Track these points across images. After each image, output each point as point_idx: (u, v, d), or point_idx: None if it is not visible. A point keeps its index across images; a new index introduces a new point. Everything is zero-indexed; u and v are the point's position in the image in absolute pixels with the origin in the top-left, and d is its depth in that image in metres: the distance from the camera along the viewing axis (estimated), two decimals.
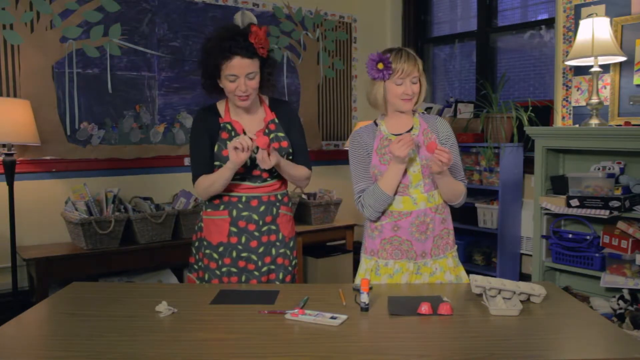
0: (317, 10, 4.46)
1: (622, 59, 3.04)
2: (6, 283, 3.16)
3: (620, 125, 3.07)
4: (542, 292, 1.74)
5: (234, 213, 2.12)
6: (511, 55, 4.25)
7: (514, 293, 1.71)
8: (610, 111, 3.20)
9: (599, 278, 3.03)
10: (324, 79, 4.54)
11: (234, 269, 2.14)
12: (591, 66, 3.07)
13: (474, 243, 4.16)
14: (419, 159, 1.98)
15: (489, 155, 3.77)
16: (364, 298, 1.67)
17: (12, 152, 3.00)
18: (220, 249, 2.13)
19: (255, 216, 2.13)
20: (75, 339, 1.50)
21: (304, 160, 2.21)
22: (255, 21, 2.07)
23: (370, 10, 4.80)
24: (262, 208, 2.14)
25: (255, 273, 2.15)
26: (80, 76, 3.46)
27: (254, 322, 1.61)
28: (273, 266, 2.17)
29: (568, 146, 3.17)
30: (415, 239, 1.99)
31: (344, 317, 1.61)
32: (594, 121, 3.03)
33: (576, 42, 3.09)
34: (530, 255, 3.66)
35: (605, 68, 3.18)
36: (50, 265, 3.04)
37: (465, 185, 2.06)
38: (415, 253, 2.00)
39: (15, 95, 3.24)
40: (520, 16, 4.19)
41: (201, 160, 2.12)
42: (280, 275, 2.17)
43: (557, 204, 3.13)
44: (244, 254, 2.14)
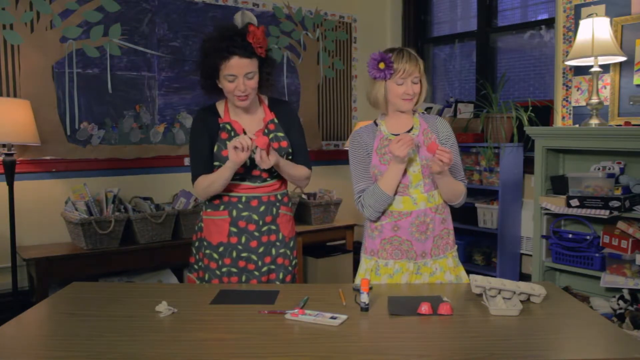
0: (317, 10, 4.46)
1: (622, 59, 3.05)
2: (6, 283, 3.16)
3: (620, 125, 3.07)
4: (542, 292, 1.74)
5: (234, 213, 2.12)
6: (511, 55, 4.25)
7: (514, 293, 1.71)
8: (610, 111, 3.20)
9: (599, 278, 3.03)
10: (324, 79, 4.54)
11: (234, 269, 2.14)
12: (591, 66, 3.07)
13: (474, 243, 4.16)
14: (419, 159, 1.98)
15: (489, 155, 3.77)
16: (364, 298, 1.67)
17: (12, 152, 3.00)
18: (221, 249, 2.13)
19: (255, 216, 2.13)
20: (75, 339, 1.50)
21: (304, 160, 2.21)
22: (255, 21, 2.07)
23: (370, 10, 4.80)
24: (262, 208, 2.14)
25: (256, 273, 2.15)
26: (80, 76, 3.46)
27: (254, 322, 1.61)
28: (273, 266, 2.17)
29: (568, 146, 3.17)
30: (415, 239, 1.99)
31: (344, 317, 1.61)
32: (594, 121, 3.03)
33: (576, 42, 3.09)
34: (530, 255, 3.66)
35: (605, 68, 3.18)
36: (50, 265, 3.04)
37: (465, 185, 2.06)
38: (415, 253, 2.00)
39: (15, 95, 3.25)
40: (520, 16, 4.19)
41: (200, 160, 2.11)
42: (281, 275, 2.17)
43: (557, 204, 3.13)
44: (244, 254, 2.14)
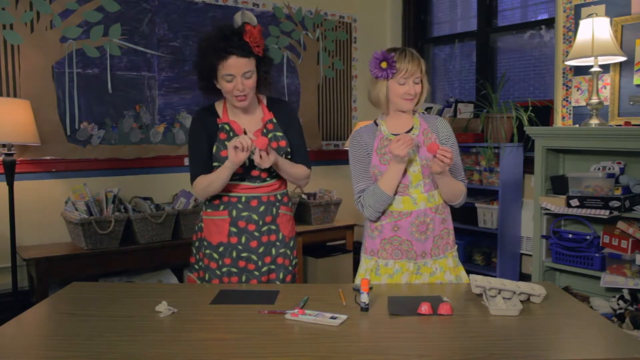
0: (317, 10, 4.46)
1: (622, 59, 3.04)
2: (6, 283, 3.16)
3: (620, 125, 3.07)
4: (542, 292, 1.74)
5: (234, 213, 2.12)
6: (511, 55, 4.25)
7: (514, 293, 1.71)
8: (610, 111, 3.20)
9: (599, 278, 3.03)
10: (324, 79, 4.54)
11: (234, 269, 2.14)
12: (591, 66, 3.07)
13: (474, 243, 4.16)
14: (419, 159, 1.98)
15: (489, 155, 3.77)
16: (364, 298, 1.67)
17: (12, 152, 3.00)
18: (221, 249, 2.13)
19: (255, 216, 2.13)
20: (75, 339, 1.50)
21: (303, 160, 2.20)
22: (255, 21, 2.06)
23: (370, 10, 4.80)
24: (262, 208, 2.14)
25: (256, 273, 2.15)
26: (80, 76, 3.46)
27: (254, 322, 1.61)
28: (273, 266, 2.17)
29: (568, 146, 3.17)
30: (415, 239, 1.99)
31: (344, 317, 1.61)
32: (594, 121, 3.03)
33: (576, 42, 3.09)
34: (530, 255, 3.66)
35: (605, 68, 3.18)
36: (50, 265, 3.04)
37: (465, 185, 2.06)
38: (415, 253, 2.00)
39: (15, 95, 3.25)
40: (520, 16, 4.19)
41: (199, 160, 2.11)
42: (281, 275, 2.17)
43: (557, 204, 3.13)
44: (244, 254, 2.13)
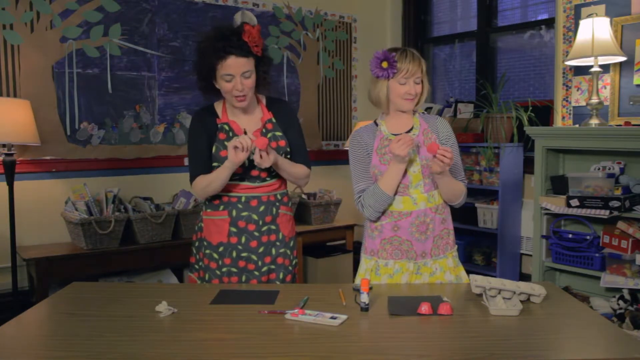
0: (317, 10, 4.46)
1: (622, 59, 3.04)
2: (6, 283, 3.16)
3: (620, 125, 3.07)
4: (542, 292, 1.74)
5: (234, 213, 2.12)
6: (511, 55, 4.25)
7: (514, 293, 1.71)
8: (610, 111, 3.20)
9: (599, 278, 3.03)
10: (324, 79, 4.54)
11: (234, 269, 2.14)
12: (591, 66, 3.07)
13: (474, 243, 4.16)
14: (419, 159, 1.98)
15: (489, 155, 3.77)
16: (364, 298, 1.67)
17: (12, 152, 3.00)
18: (221, 249, 2.13)
19: (255, 216, 2.13)
20: (75, 339, 1.50)
21: (303, 159, 2.20)
22: (255, 21, 2.06)
23: (370, 10, 4.80)
24: (262, 208, 2.14)
25: (256, 273, 2.15)
26: (80, 76, 3.46)
27: (254, 322, 1.61)
28: (273, 266, 2.17)
29: (568, 146, 3.17)
30: (415, 239, 1.99)
31: (344, 317, 1.61)
32: (594, 121, 3.03)
33: (576, 42, 3.09)
34: (530, 255, 3.66)
35: (605, 68, 3.18)
36: (50, 265, 3.04)
37: (465, 185, 2.06)
38: (415, 253, 2.00)
39: (15, 95, 3.25)
40: (520, 16, 4.19)
41: (199, 160, 2.11)
42: (281, 275, 2.17)
43: (557, 204, 3.13)
44: (244, 254, 2.13)
